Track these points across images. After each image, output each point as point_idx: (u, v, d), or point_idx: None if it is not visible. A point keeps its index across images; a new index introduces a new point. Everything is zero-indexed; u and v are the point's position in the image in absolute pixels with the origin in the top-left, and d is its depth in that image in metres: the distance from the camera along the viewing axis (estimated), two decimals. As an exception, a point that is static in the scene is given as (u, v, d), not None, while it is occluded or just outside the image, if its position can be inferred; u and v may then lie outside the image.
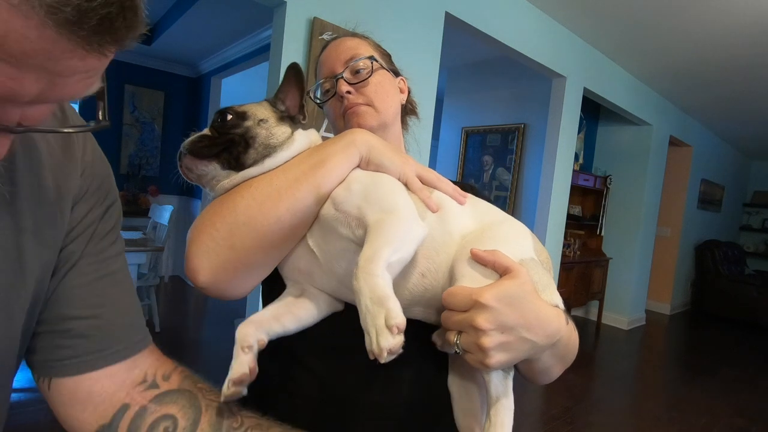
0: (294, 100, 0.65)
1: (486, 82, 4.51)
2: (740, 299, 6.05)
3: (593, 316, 5.19)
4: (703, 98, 4.70)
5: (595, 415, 2.94)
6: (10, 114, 0.28)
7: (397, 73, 0.84)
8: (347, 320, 0.60)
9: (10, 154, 0.32)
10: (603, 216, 4.97)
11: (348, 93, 0.75)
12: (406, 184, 0.60)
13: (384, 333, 0.41)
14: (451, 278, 0.54)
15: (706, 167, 6.30)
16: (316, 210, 0.58)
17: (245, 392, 0.53)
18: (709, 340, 5.30)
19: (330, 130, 0.87)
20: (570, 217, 4.35)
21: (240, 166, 0.59)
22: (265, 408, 0.55)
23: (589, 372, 3.75)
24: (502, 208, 0.66)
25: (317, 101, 0.81)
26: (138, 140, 5.05)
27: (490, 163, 4.43)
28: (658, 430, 2.81)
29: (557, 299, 0.56)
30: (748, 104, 4.69)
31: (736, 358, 4.55)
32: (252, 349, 0.55)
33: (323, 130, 2.01)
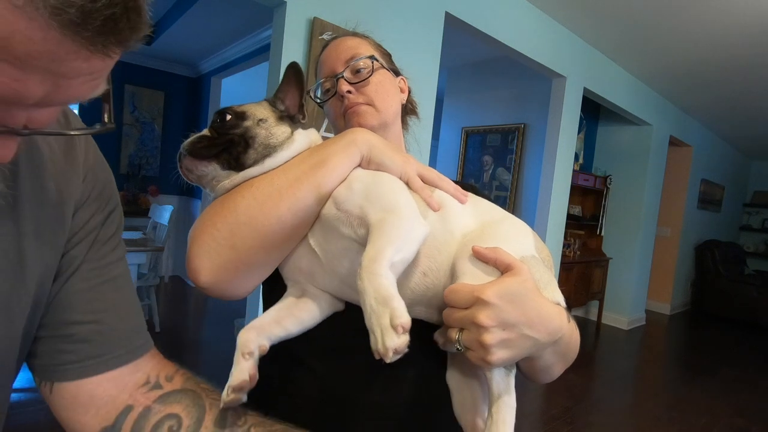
0: (294, 100, 0.65)
1: (486, 82, 4.51)
2: (740, 299, 6.05)
3: (593, 316, 5.19)
4: (703, 98, 4.70)
5: (595, 415, 2.94)
6: (16, 117, 0.28)
7: (397, 73, 0.83)
8: (347, 321, 0.60)
9: (14, 158, 0.32)
10: (603, 216, 4.97)
11: (348, 92, 0.75)
12: (407, 183, 0.60)
13: (389, 333, 0.41)
14: (453, 276, 0.54)
15: (706, 167, 6.30)
16: (318, 209, 0.58)
17: (245, 399, 0.53)
18: (709, 340, 5.30)
19: (330, 129, 0.87)
20: (570, 217, 4.35)
21: (240, 166, 0.59)
22: (265, 409, 0.55)
23: (589, 372, 3.75)
24: (502, 208, 0.65)
25: (317, 101, 0.81)
26: (138, 140, 5.05)
27: (490, 163, 4.43)
28: (658, 430, 2.80)
29: (559, 297, 0.56)
30: (748, 104, 4.69)
31: (736, 358, 4.54)
32: (253, 356, 0.55)
33: (323, 129, 2.00)
